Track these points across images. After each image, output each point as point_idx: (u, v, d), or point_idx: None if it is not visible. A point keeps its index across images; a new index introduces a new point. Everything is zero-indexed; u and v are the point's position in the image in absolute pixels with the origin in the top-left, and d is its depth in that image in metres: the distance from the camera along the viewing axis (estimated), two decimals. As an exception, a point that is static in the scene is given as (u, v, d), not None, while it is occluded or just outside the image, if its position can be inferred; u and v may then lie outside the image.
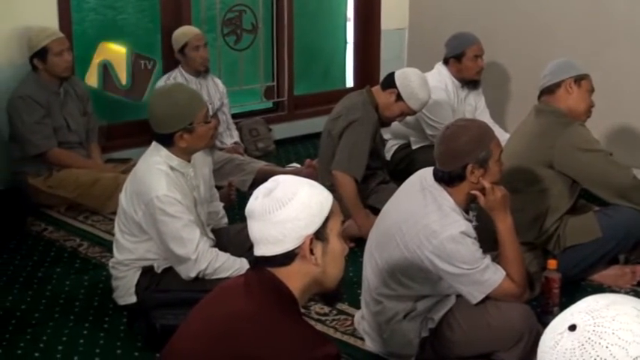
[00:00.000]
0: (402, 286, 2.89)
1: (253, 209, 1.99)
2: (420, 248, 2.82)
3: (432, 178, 2.91)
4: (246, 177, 5.05)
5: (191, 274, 3.26)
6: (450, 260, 2.79)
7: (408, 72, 4.30)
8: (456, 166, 2.84)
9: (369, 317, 3.04)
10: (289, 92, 6.38)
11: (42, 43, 4.60)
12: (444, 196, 2.86)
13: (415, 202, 2.90)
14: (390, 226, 2.93)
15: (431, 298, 2.93)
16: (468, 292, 2.85)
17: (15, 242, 4.23)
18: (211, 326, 1.93)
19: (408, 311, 2.92)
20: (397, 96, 4.21)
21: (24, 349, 3.16)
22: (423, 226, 2.82)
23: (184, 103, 3.26)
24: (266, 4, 6.15)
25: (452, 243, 2.78)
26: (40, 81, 4.65)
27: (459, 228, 2.79)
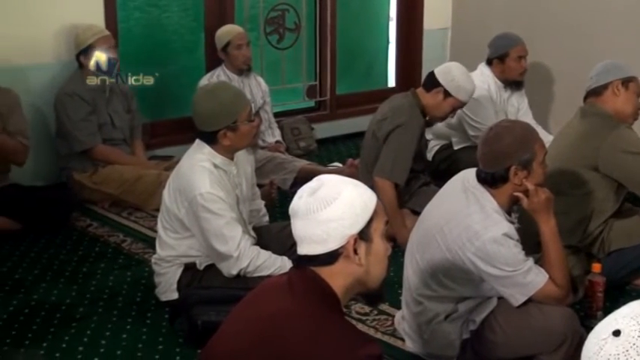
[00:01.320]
0: (444, 287, 2.88)
1: (297, 208, 1.99)
2: (461, 249, 2.80)
3: (475, 180, 2.89)
4: (287, 176, 5.07)
5: (232, 271, 3.28)
6: (492, 262, 2.77)
7: (449, 67, 4.27)
8: (499, 167, 2.82)
9: (410, 318, 3.03)
10: (331, 91, 6.39)
11: (88, 41, 4.65)
12: (486, 198, 2.84)
13: (457, 202, 2.89)
14: (431, 226, 2.92)
15: (472, 299, 2.91)
16: (510, 295, 2.83)
17: (60, 237, 4.29)
18: (254, 325, 1.94)
19: (449, 312, 2.90)
20: (444, 93, 4.17)
21: (68, 343, 3.19)
22: (465, 227, 2.80)
23: (228, 101, 3.27)
24: (309, 3, 6.16)
25: (494, 244, 2.76)
26: (81, 80, 4.70)
27: (501, 229, 2.77)
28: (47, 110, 4.82)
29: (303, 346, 1.83)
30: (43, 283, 3.74)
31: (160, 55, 5.68)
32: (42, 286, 3.70)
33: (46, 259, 4.02)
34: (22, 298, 3.57)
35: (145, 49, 5.58)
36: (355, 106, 6.52)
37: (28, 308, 3.48)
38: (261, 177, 4.72)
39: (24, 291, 3.65)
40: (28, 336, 3.24)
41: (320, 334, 1.85)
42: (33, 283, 3.73)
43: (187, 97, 5.22)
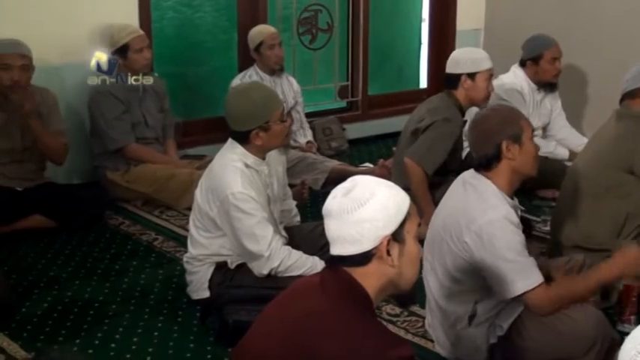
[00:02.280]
0: (456, 282, 2.85)
1: (331, 208, 1.99)
2: (460, 237, 2.78)
3: (472, 172, 2.90)
4: (319, 176, 5.08)
5: (264, 270, 3.28)
6: (487, 247, 2.72)
7: (452, 57, 4.35)
8: (491, 145, 2.82)
9: (435, 324, 3.02)
10: (363, 92, 6.38)
11: (123, 40, 4.69)
12: (484, 183, 2.83)
13: (457, 197, 2.90)
14: (437, 225, 2.92)
15: (489, 300, 2.87)
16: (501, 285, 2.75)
17: (93, 235, 4.32)
18: (286, 324, 1.94)
19: (471, 316, 2.88)
20: (468, 76, 4.21)
21: (101, 340, 3.22)
22: (464, 214, 2.79)
23: (261, 101, 3.28)
24: (342, 3, 6.16)
25: (490, 227, 2.72)
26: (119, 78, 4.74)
27: (499, 213, 2.75)
28: (81, 109, 4.87)
29: (334, 347, 1.83)
30: (76, 281, 3.77)
31: (193, 54, 5.72)
32: (75, 283, 3.74)
33: (80, 257, 4.06)
34: (56, 295, 3.61)
35: (178, 48, 5.63)
36: (387, 106, 6.51)
37: (62, 305, 3.51)
38: (293, 177, 4.74)
39: (58, 288, 3.68)
40: (61, 332, 3.27)
41: (351, 334, 1.85)
42: (67, 280, 3.77)
43: (219, 97, 5.27)
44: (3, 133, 4.26)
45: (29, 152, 4.36)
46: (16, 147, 4.31)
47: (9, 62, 4.15)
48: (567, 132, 5.29)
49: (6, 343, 3.15)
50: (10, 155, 4.30)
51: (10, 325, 3.30)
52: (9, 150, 4.29)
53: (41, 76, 4.41)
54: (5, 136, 4.27)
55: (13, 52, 4.17)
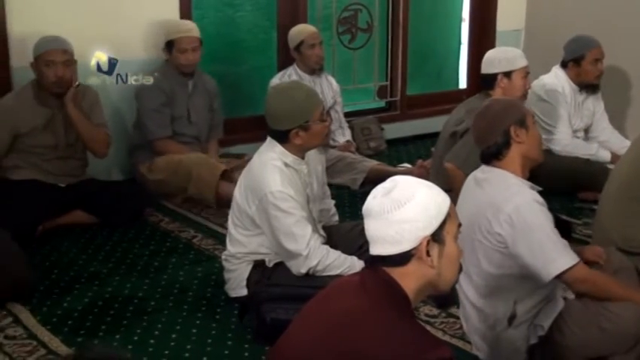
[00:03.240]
0: (494, 279, 2.81)
1: (371, 208, 1.99)
2: (492, 230, 2.76)
3: (482, 168, 2.91)
4: (357, 175, 5.08)
5: (302, 269, 3.29)
6: (522, 232, 2.70)
7: (485, 58, 4.34)
8: (499, 133, 2.84)
9: (472, 328, 3.00)
10: (402, 92, 6.37)
11: (171, 36, 4.76)
12: (498, 173, 2.84)
13: (474, 196, 2.89)
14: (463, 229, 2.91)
15: (529, 300, 2.85)
16: (540, 267, 2.72)
17: (134, 232, 4.36)
18: (324, 323, 1.95)
19: (510, 317, 2.86)
20: (504, 75, 4.21)
21: (140, 336, 3.25)
22: (488, 208, 2.77)
23: (301, 101, 3.29)
24: (382, 3, 6.16)
25: (519, 213, 2.71)
26: (168, 70, 4.81)
27: (524, 196, 2.74)
28: (122, 106, 4.93)
29: (373, 346, 1.84)
30: (116, 276, 3.81)
31: (233, 53, 5.76)
32: (115, 279, 3.78)
33: (120, 253, 4.10)
34: (97, 291, 3.64)
35: (218, 47, 5.65)
36: (426, 107, 6.49)
37: (102, 300, 3.55)
38: (331, 176, 4.76)
39: (98, 283, 3.72)
40: (101, 327, 3.31)
41: (390, 334, 1.85)
42: (107, 276, 3.81)
43: (259, 96, 5.31)
44: (47, 129, 4.32)
45: (72, 149, 4.42)
46: (60, 143, 4.37)
47: (52, 59, 4.21)
48: (610, 134, 5.22)
49: (47, 338, 3.19)
50: (54, 151, 4.37)
51: (52, 319, 3.35)
52: (53, 146, 4.35)
53: (84, 73, 4.47)
54: (49, 132, 4.33)
55: (55, 49, 4.23)
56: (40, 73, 4.24)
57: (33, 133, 4.29)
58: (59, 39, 4.29)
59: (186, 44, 4.76)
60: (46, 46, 4.24)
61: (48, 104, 4.31)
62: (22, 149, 4.32)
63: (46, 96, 4.29)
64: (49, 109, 4.31)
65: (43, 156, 4.35)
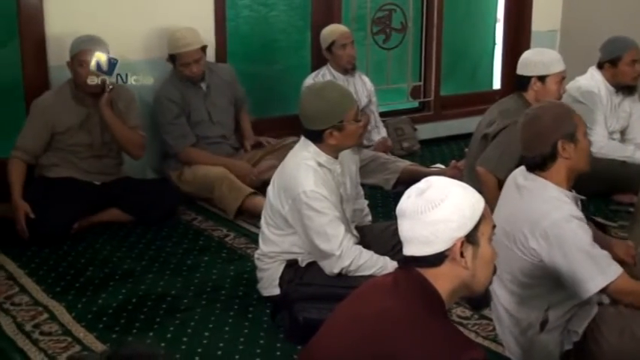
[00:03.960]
0: (526, 288, 2.80)
1: (405, 208, 1.99)
2: (527, 243, 2.73)
3: (524, 174, 2.85)
4: (390, 176, 5.07)
5: (334, 269, 3.29)
6: (558, 249, 2.67)
7: (522, 58, 4.27)
8: (546, 145, 2.78)
9: (504, 331, 2.98)
10: (436, 92, 6.35)
11: (174, 50, 4.73)
12: (540, 183, 2.79)
13: (513, 202, 2.85)
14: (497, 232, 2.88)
15: (562, 306, 2.82)
16: (581, 281, 2.68)
17: (167, 230, 4.39)
18: (357, 324, 1.95)
19: (542, 322, 2.84)
20: (539, 79, 4.15)
21: (173, 333, 3.27)
22: (525, 220, 2.74)
23: (336, 101, 3.28)
24: (416, 3, 6.14)
25: (556, 229, 2.67)
26: (176, 79, 4.81)
27: (561, 212, 2.70)
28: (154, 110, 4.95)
29: (406, 347, 1.83)
30: (150, 274, 3.84)
31: (267, 53, 5.77)
32: (149, 277, 3.80)
33: (154, 251, 4.12)
34: (131, 288, 3.67)
35: (252, 47, 5.68)
36: (459, 107, 6.46)
37: (136, 298, 3.58)
38: (364, 176, 4.75)
39: (132, 281, 3.75)
40: (135, 325, 3.33)
41: (424, 335, 1.84)
42: (141, 274, 3.84)
43: (292, 96, 5.31)
44: (84, 128, 4.36)
45: (108, 147, 4.46)
46: (96, 142, 4.41)
47: (86, 58, 4.25)
48: (646, 136, 5.17)
49: (82, 334, 3.23)
50: (90, 150, 4.41)
51: (87, 316, 3.38)
52: (89, 145, 4.39)
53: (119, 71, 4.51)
54: (86, 131, 4.37)
55: (89, 49, 4.27)
56: (75, 73, 4.29)
57: (69, 131, 4.34)
58: (94, 39, 4.32)
59: (188, 58, 4.73)
60: (81, 46, 4.28)
61: (84, 103, 4.35)
62: (59, 147, 4.36)
63: (82, 95, 4.33)
64: (86, 108, 4.35)
65: (79, 154, 4.39)
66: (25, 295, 3.57)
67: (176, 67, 4.77)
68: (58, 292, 3.61)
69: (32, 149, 4.31)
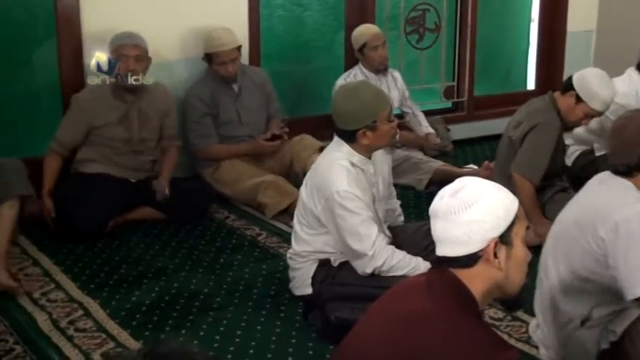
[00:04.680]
0: (579, 281, 2.75)
1: (438, 209, 1.99)
2: (596, 233, 2.68)
3: (608, 174, 2.82)
4: (423, 176, 5.06)
5: (367, 269, 3.29)
6: (624, 244, 2.61)
7: (586, 72, 4.19)
8: (632, 156, 2.75)
9: (544, 324, 2.96)
10: (469, 93, 6.32)
11: (210, 50, 4.76)
12: (621, 182, 2.76)
13: (591, 194, 2.83)
14: (567, 221, 2.84)
15: (607, 306, 2.80)
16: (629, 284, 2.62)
17: (200, 228, 4.42)
18: (390, 324, 1.94)
19: (584, 319, 2.82)
20: (576, 98, 4.11)
21: (206, 331, 3.29)
22: (598, 211, 2.70)
23: (369, 101, 3.28)
24: (450, 3, 6.12)
25: (628, 224, 2.62)
26: (209, 78, 4.84)
27: (636, 209, 2.65)
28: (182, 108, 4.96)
29: (439, 348, 1.83)
30: (182, 272, 3.86)
31: (300, 53, 5.78)
32: (182, 275, 3.83)
33: (186, 249, 4.15)
34: (164, 286, 3.70)
35: (285, 47, 5.70)
36: (493, 108, 6.43)
37: (169, 295, 3.60)
38: (397, 176, 4.76)
39: (165, 279, 3.78)
40: (168, 322, 3.36)
41: (457, 336, 1.84)
42: (174, 272, 3.86)
43: (326, 95, 5.32)
44: (121, 123, 4.41)
45: (145, 144, 4.51)
46: (134, 137, 4.45)
47: (124, 53, 4.31)
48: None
49: (116, 331, 3.26)
50: (128, 145, 4.45)
51: (120, 313, 3.41)
52: (126, 140, 4.44)
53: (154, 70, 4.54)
54: (124, 126, 4.42)
55: (127, 43, 4.33)
56: None
57: (107, 126, 4.39)
58: (132, 34, 4.39)
59: (225, 57, 4.75)
60: (119, 41, 4.35)
61: (123, 99, 4.40)
62: (97, 142, 4.41)
63: (121, 91, 4.38)
64: (124, 103, 4.41)
65: (116, 150, 4.44)
66: (60, 292, 3.61)
67: (212, 66, 4.79)
68: (93, 288, 3.65)
69: (68, 143, 4.37)
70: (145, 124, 4.46)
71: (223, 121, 4.88)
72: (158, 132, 4.56)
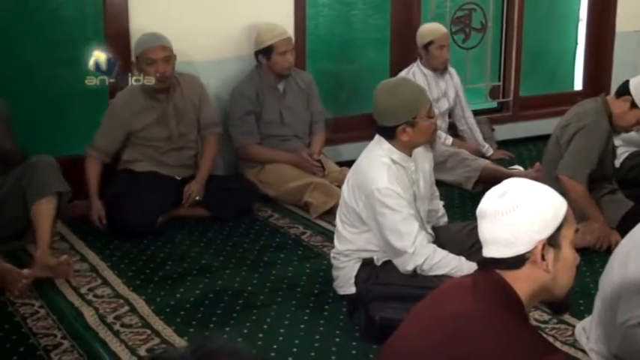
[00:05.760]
0: None
1: (485, 210, 1.97)
2: None
3: None
4: (471, 174, 5.02)
5: (408, 267, 3.28)
6: None
7: None
8: None
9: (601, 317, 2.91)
10: (515, 93, 6.27)
11: (269, 42, 4.76)
12: None
13: None
14: None
15: None
16: None
17: (244, 226, 4.44)
18: (435, 325, 1.93)
19: None
20: (631, 103, 4.05)
21: (249, 329, 3.30)
22: None
23: (409, 97, 3.28)
24: (497, 3, 6.08)
25: None
26: (258, 76, 4.84)
27: None
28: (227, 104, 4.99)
29: (485, 349, 1.81)
30: (227, 270, 3.88)
31: (346, 52, 5.79)
32: (226, 272, 3.85)
33: (231, 247, 4.17)
34: (208, 283, 3.72)
35: (331, 46, 5.70)
36: (539, 108, 6.36)
37: (213, 293, 3.62)
38: (444, 173, 4.86)
39: (209, 276, 3.80)
40: (212, 319, 3.38)
41: (503, 337, 1.82)
42: (218, 269, 3.88)
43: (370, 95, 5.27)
44: (160, 122, 4.45)
45: (185, 138, 4.54)
46: (173, 134, 4.50)
47: (152, 56, 4.33)
48: None
49: (160, 327, 3.28)
50: (169, 143, 4.50)
51: (165, 310, 3.44)
52: (167, 138, 4.48)
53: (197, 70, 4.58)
54: (163, 124, 4.46)
55: (155, 46, 4.35)
56: (143, 71, 4.37)
57: (146, 128, 4.44)
58: (157, 35, 4.40)
59: (286, 46, 4.77)
60: (146, 45, 4.37)
61: (157, 98, 4.44)
62: (139, 143, 4.46)
63: (153, 91, 4.42)
64: (159, 103, 4.45)
65: (159, 149, 4.48)
66: (106, 288, 3.66)
67: (268, 60, 4.78)
68: (138, 285, 3.69)
69: (106, 149, 4.41)
70: (182, 119, 4.50)
71: (266, 121, 4.89)
72: (196, 124, 4.59)
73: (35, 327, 3.27)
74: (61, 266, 3.67)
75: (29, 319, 3.34)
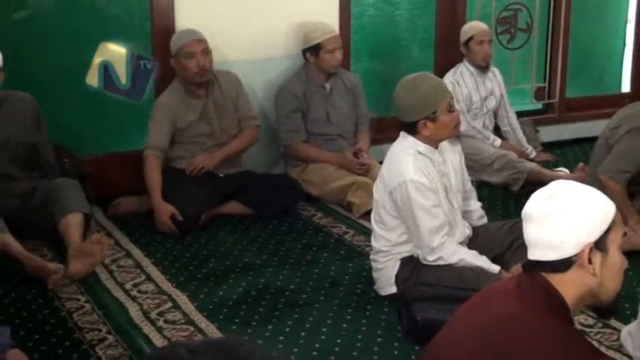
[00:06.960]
0: None
1: (531, 212, 1.95)
2: None
3: None
4: (518, 175, 4.98)
5: (428, 257, 3.33)
6: None
7: None
8: None
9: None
10: (561, 94, 6.21)
11: (317, 40, 4.78)
12: None
13: None
14: None
15: None
16: None
17: (287, 225, 4.45)
18: (480, 327, 1.92)
19: None
20: None
21: (291, 327, 3.30)
22: None
23: (428, 92, 3.29)
24: (543, 3, 6.02)
25: None
26: (305, 74, 4.86)
27: None
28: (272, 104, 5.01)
29: (529, 351, 1.80)
30: (269, 268, 3.89)
31: (391, 51, 5.77)
32: (269, 271, 3.86)
33: (273, 245, 4.18)
34: (251, 281, 3.73)
35: (376, 45, 5.70)
36: (585, 110, 6.29)
37: (256, 291, 3.63)
38: (491, 175, 4.90)
39: (252, 274, 3.81)
40: (254, 317, 3.38)
41: (548, 341, 1.81)
42: (261, 267, 3.89)
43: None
44: (202, 118, 4.50)
45: (226, 133, 4.58)
46: (215, 130, 4.54)
47: (192, 50, 4.39)
48: None
49: (204, 324, 3.30)
50: (211, 139, 4.54)
51: (208, 307, 3.46)
52: (209, 134, 4.53)
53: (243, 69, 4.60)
54: (205, 120, 4.51)
55: (192, 40, 4.41)
56: (182, 67, 4.41)
57: (190, 126, 4.48)
58: (192, 30, 4.46)
59: (335, 44, 4.79)
60: (184, 40, 4.42)
61: (198, 95, 4.49)
62: (182, 141, 4.50)
63: (193, 88, 4.46)
64: (200, 99, 4.49)
65: (202, 145, 4.52)
66: (150, 284, 3.69)
67: (319, 56, 4.79)
68: (182, 281, 3.72)
69: (163, 145, 4.45)
70: (223, 114, 4.54)
71: (312, 119, 4.90)
72: (236, 119, 4.62)
73: (81, 322, 3.31)
74: (94, 246, 3.66)
75: (75, 313, 3.38)
